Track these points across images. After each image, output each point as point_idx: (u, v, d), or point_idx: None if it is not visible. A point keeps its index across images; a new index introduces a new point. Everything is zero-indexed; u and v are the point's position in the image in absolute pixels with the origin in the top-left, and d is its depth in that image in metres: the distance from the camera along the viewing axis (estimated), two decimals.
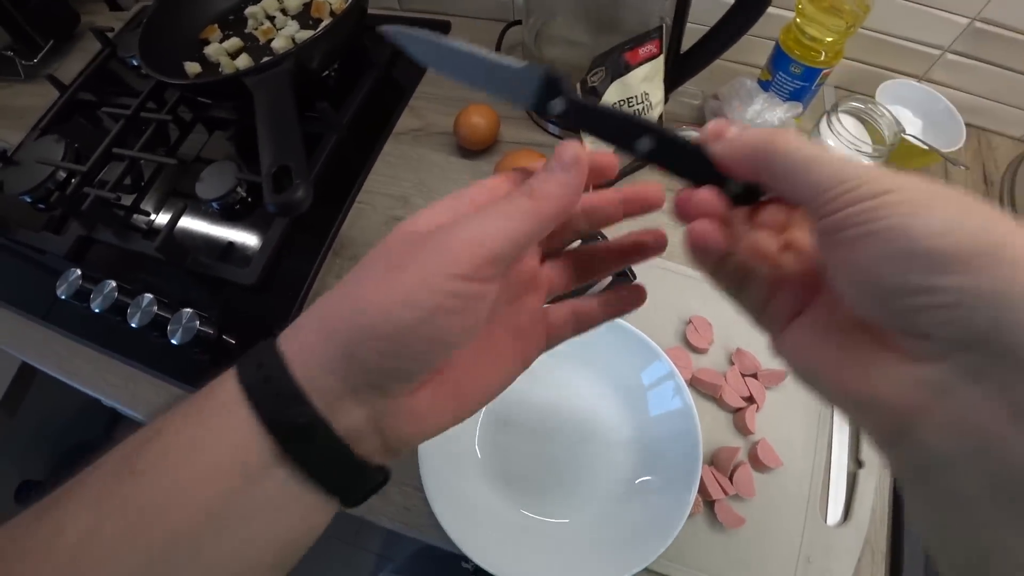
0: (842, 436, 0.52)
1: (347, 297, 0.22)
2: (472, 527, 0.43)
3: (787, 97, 0.62)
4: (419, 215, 0.23)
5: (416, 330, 0.20)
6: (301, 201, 0.43)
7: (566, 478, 0.48)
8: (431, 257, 0.21)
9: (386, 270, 0.21)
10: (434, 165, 0.64)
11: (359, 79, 0.69)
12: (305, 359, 0.21)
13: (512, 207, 0.22)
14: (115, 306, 0.57)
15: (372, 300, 0.21)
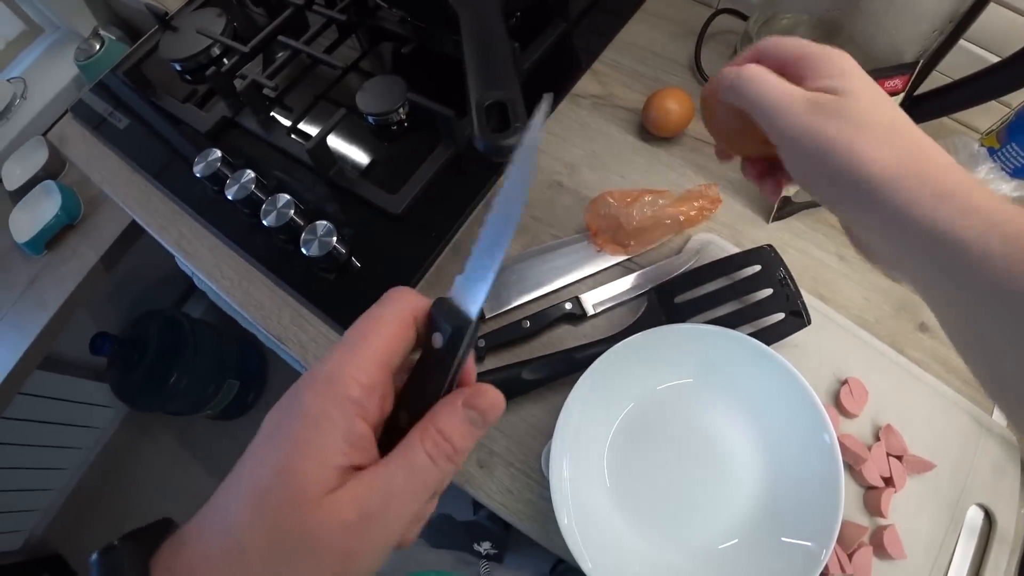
0: (967, 547, 0.48)
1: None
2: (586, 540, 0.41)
3: (1013, 171, 0.56)
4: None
5: None
6: (516, 147, 0.39)
7: (693, 514, 0.45)
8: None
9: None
10: (611, 139, 0.59)
11: (545, 28, 0.64)
12: None
13: (433, 477, 0.23)
14: (249, 199, 0.55)
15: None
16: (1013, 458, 0.51)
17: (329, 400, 0.22)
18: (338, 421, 0.22)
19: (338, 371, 0.23)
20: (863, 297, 0.55)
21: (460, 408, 0.23)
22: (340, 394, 0.22)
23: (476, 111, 0.40)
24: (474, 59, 0.45)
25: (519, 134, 0.39)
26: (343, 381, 0.22)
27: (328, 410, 0.22)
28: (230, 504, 0.22)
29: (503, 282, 0.51)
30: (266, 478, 0.21)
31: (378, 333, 0.24)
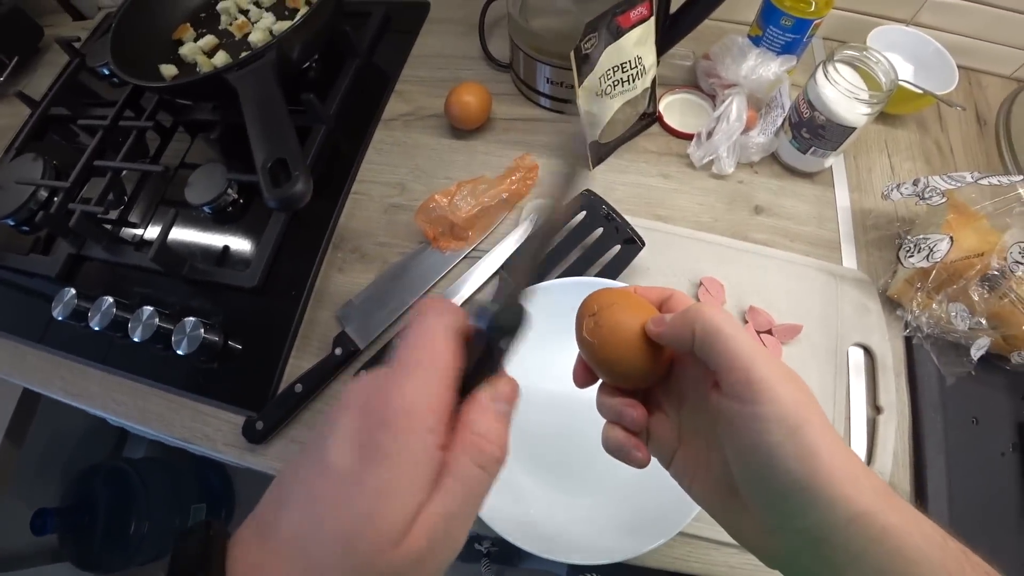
0: (859, 384, 0.52)
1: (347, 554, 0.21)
2: (505, 506, 0.43)
3: (779, 51, 0.62)
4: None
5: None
6: (302, 193, 0.42)
7: (591, 454, 0.47)
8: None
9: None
10: (428, 148, 0.62)
11: (342, 67, 0.67)
12: None
13: (485, 485, 0.23)
14: (115, 322, 0.56)
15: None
16: (871, 294, 0.56)
17: (411, 438, 0.21)
18: (422, 461, 0.21)
19: (412, 404, 0.22)
20: (696, 203, 0.59)
21: (489, 404, 0.23)
22: (419, 428, 0.21)
23: (261, 173, 0.43)
24: (255, 126, 0.48)
25: (299, 182, 0.42)
26: (419, 414, 0.22)
27: (412, 450, 0.21)
28: (309, 543, 0.21)
29: (366, 314, 0.53)
30: (352, 523, 0.21)
31: (440, 352, 0.23)
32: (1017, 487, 0.48)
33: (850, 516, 0.22)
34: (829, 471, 0.22)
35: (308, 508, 0.21)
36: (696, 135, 0.61)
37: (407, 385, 0.22)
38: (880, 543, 0.22)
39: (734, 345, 0.25)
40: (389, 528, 0.20)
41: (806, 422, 0.23)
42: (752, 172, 0.61)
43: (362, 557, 0.20)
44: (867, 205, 0.61)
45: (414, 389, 0.22)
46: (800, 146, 0.58)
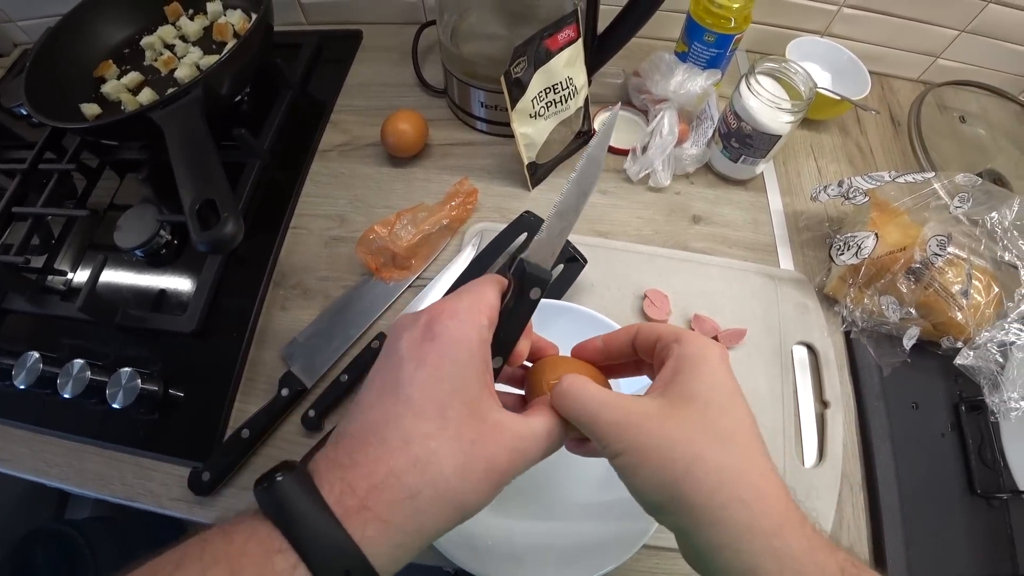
0: (805, 380, 0.54)
1: (446, 495, 0.24)
2: (463, 538, 0.42)
3: (705, 66, 0.64)
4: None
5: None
6: (233, 235, 0.41)
7: (548, 474, 0.47)
8: (516, 463, 0.26)
9: (483, 471, 0.25)
10: (366, 178, 0.62)
11: (274, 100, 0.66)
12: (394, 559, 0.23)
13: (551, 445, 0.28)
14: (42, 378, 0.53)
15: (477, 501, 0.25)
16: (809, 293, 0.58)
17: (469, 326, 0.26)
18: (481, 345, 0.26)
19: (471, 307, 0.27)
20: (635, 217, 0.60)
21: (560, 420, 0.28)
22: (476, 322, 0.26)
23: (189, 216, 0.41)
24: (182, 167, 0.46)
25: (229, 223, 0.40)
26: (476, 314, 0.26)
27: (470, 335, 0.26)
28: (403, 419, 0.24)
29: (312, 351, 0.52)
30: (442, 394, 0.25)
31: (487, 290, 0.28)
32: (958, 465, 0.50)
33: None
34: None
35: (391, 397, 0.25)
36: (631, 150, 0.62)
37: (464, 297, 0.27)
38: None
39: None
40: (473, 397, 0.25)
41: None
42: (688, 183, 0.63)
43: (458, 422, 0.24)
44: (799, 208, 0.63)
45: (469, 299, 0.27)
46: (731, 155, 0.60)
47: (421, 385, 0.25)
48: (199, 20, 0.68)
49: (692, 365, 0.28)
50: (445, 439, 0.24)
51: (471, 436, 0.24)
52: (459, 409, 0.24)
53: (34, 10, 0.79)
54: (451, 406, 0.24)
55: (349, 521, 0.22)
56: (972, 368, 0.47)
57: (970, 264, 0.50)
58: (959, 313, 0.49)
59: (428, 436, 0.24)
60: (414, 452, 0.23)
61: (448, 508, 0.24)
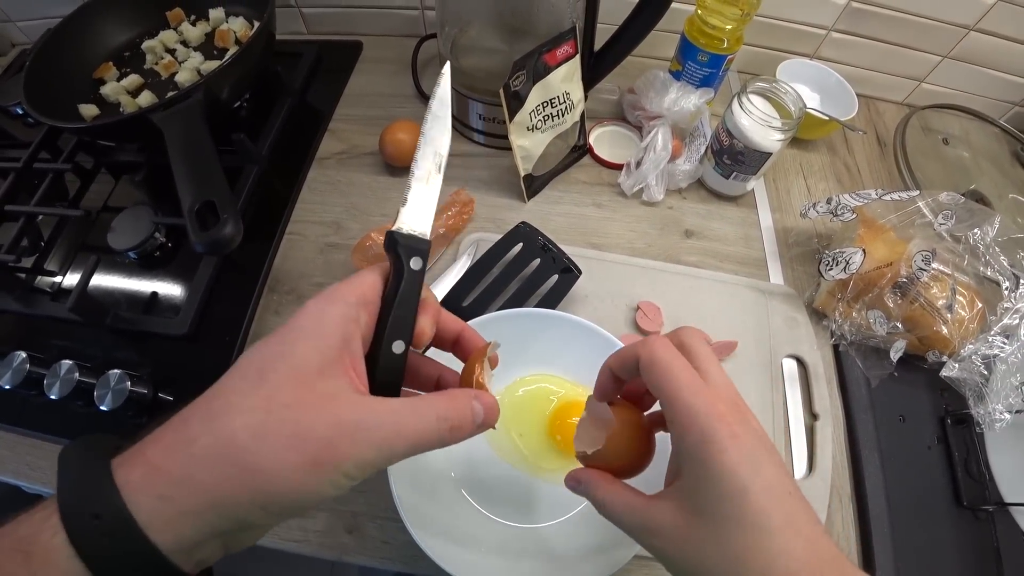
0: (794, 393, 0.55)
1: (228, 451, 0.21)
2: (457, 548, 0.42)
3: (698, 84, 0.66)
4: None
5: (310, 503, 0.22)
6: (232, 236, 0.41)
7: (541, 480, 0.47)
8: (344, 439, 0.22)
9: (288, 436, 0.22)
10: (363, 187, 0.62)
11: (273, 107, 0.66)
12: (161, 514, 0.20)
13: (430, 428, 0.24)
14: (28, 379, 0.52)
15: (274, 471, 0.21)
16: (798, 307, 0.59)
17: (328, 302, 0.25)
18: (338, 319, 0.24)
19: (337, 288, 0.26)
20: (629, 230, 0.61)
21: (473, 400, 0.26)
22: (337, 299, 0.25)
23: (188, 216, 0.42)
24: (182, 168, 0.47)
25: (228, 224, 0.40)
26: (342, 293, 0.25)
27: (327, 308, 0.25)
28: (223, 382, 0.23)
29: None
30: (268, 357, 0.23)
31: (364, 273, 0.27)
32: (945, 478, 0.51)
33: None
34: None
35: (235, 361, 0.24)
36: (625, 165, 0.63)
37: (331, 287, 0.26)
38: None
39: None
40: (301, 362, 0.23)
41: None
42: (681, 198, 0.64)
43: (274, 384, 0.22)
44: (788, 224, 0.64)
45: (335, 286, 0.26)
46: (723, 172, 0.62)
47: (253, 352, 0.24)
48: (201, 26, 0.69)
49: (695, 464, 0.25)
50: (249, 396, 0.22)
51: (285, 400, 0.22)
52: (282, 374, 0.22)
53: (33, 11, 0.79)
54: (273, 370, 0.23)
55: (119, 469, 0.21)
56: (958, 380, 0.48)
57: (954, 280, 0.52)
58: (944, 327, 0.50)
59: (232, 391, 0.22)
60: (212, 405, 0.22)
61: (230, 466, 0.21)
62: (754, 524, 0.24)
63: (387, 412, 0.24)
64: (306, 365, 0.23)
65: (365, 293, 0.26)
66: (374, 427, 0.23)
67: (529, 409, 0.48)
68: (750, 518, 0.24)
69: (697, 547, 0.25)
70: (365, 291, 0.26)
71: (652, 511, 0.27)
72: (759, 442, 0.26)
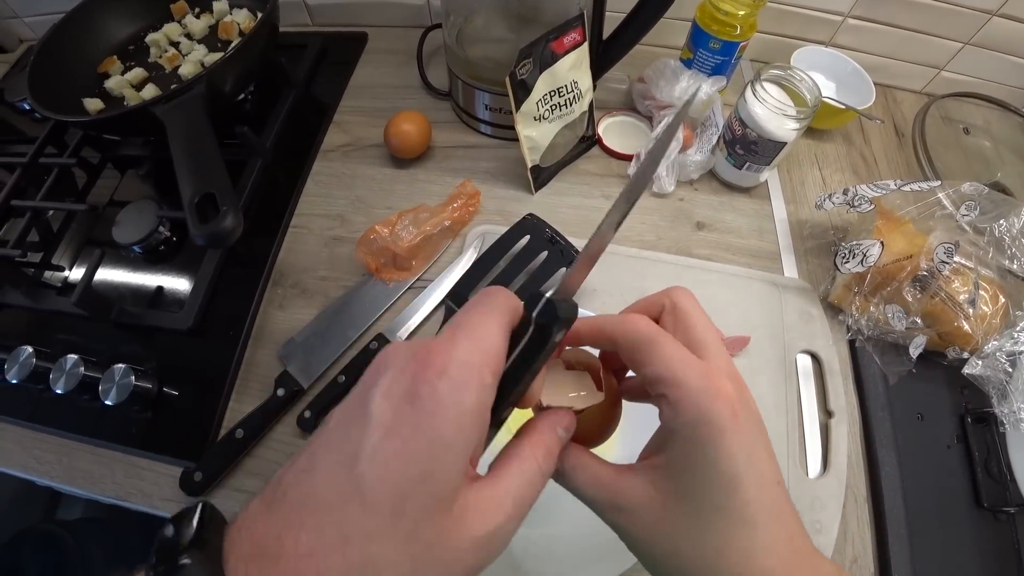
0: (809, 390, 0.53)
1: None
2: None
3: (710, 72, 0.64)
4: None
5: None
6: (232, 228, 0.40)
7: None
8: (483, 552, 0.20)
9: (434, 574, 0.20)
10: (368, 179, 0.61)
11: (278, 99, 0.66)
12: None
13: (538, 483, 0.23)
14: (34, 373, 0.52)
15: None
16: (813, 301, 0.57)
17: (468, 390, 0.20)
18: (477, 414, 0.20)
19: (470, 359, 0.20)
20: (639, 222, 0.60)
21: (556, 427, 0.24)
22: (476, 380, 0.20)
23: (188, 209, 0.41)
24: (183, 160, 0.46)
25: (228, 217, 0.40)
26: (478, 369, 0.20)
27: (468, 402, 0.20)
28: (350, 509, 0.19)
29: (309, 351, 0.51)
30: (405, 481, 0.19)
31: (491, 328, 0.22)
32: (965, 477, 0.49)
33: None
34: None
35: (344, 470, 0.19)
36: (635, 156, 0.62)
37: (462, 343, 0.21)
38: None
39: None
40: (442, 486, 0.19)
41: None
42: (692, 189, 0.63)
43: (415, 520, 0.19)
44: (803, 216, 0.63)
45: (469, 346, 0.21)
46: (735, 162, 0.60)
47: (382, 464, 0.19)
48: (205, 18, 0.68)
49: (686, 444, 0.23)
50: (393, 542, 0.19)
51: (429, 538, 0.19)
52: (423, 501, 0.19)
53: (40, 6, 0.79)
54: (413, 498, 0.19)
55: None
56: (981, 377, 0.47)
57: (977, 273, 0.50)
58: (966, 323, 0.49)
59: (372, 537, 0.18)
60: (351, 556, 0.18)
61: None
62: (742, 516, 0.22)
63: (513, 496, 0.21)
64: (447, 488, 0.20)
65: (498, 365, 0.21)
66: (504, 523, 0.21)
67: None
68: (739, 510, 0.22)
69: (671, 531, 0.23)
70: (498, 363, 0.21)
71: (623, 486, 0.24)
72: (757, 426, 0.24)
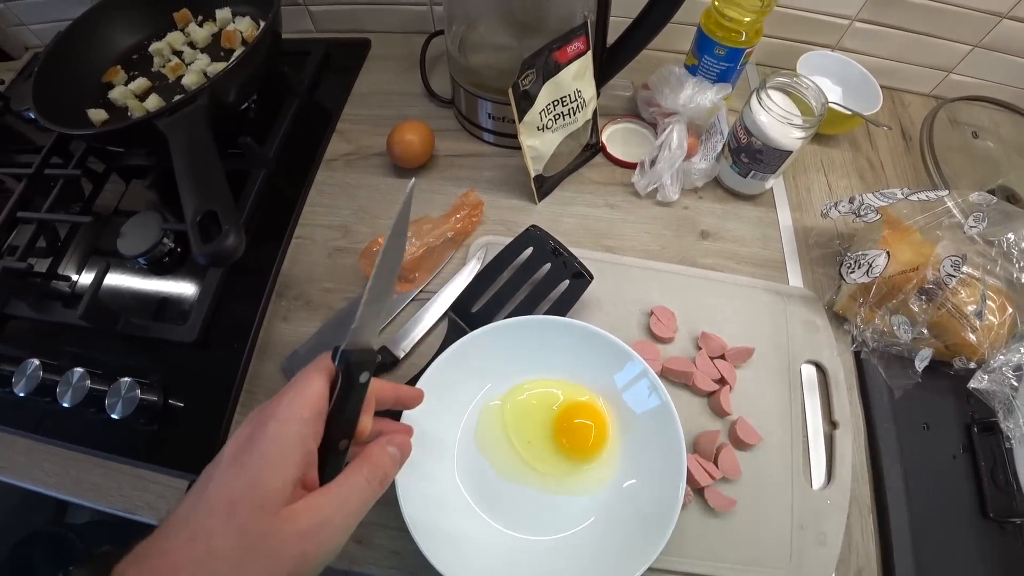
0: (813, 401, 0.53)
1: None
2: (465, 560, 0.41)
3: (715, 79, 0.63)
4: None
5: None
6: (233, 249, 0.40)
7: (558, 489, 0.46)
8: (310, 544, 0.26)
9: (265, 564, 0.25)
10: (372, 189, 0.61)
11: (280, 107, 0.66)
12: None
13: (365, 491, 0.29)
14: (42, 386, 0.52)
15: None
16: (818, 311, 0.57)
17: (289, 424, 0.27)
18: (297, 441, 0.27)
19: (291, 404, 0.28)
20: (643, 232, 0.59)
21: (387, 447, 0.31)
22: (293, 421, 0.28)
23: (190, 228, 0.41)
24: (185, 177, 0.46)
25: (230, 236, 0.40)
26: (297, 410, 0.28)
27: (286, 435, 0.27)
28: (197, 515, 0.25)
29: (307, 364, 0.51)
30: (237, 490, 0.25)
31: (312, 381, 0.29)
32: (970, 488, 0.49)
33: None
34: None
35: (199, 491, 0.26)
36: (640, 164, 0.61)
37: (287, 394, 0.29)
38: None
39: None
40: (267, 492, 0.25)
41: None
42: (697, 198, 0.62)
43: (243, 518, 0.25)
44: (808, 224, 0.62)
45: (291, 395, 0.29)
46: (740, 170, 0.60)
47: (222, 481, 0.26)
48: (208, 27, 0.68)
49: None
50: (227, 535, 0.24)
51: (257, 530, 0.25)
52: (251, 505, 0.25)
53: (46, 14, 0.79)
54: (243, 501, 0.25)
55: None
56: (986, 392, 0.46)
57: (984, 284, 0.49)
58: (972, 334, 0.48)
59: (212, 533, 0.24)
60: (197, 550, 0.24)
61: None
62: None
63: (334, 500, 0.28)
64: (272, 495, 0.26)
65: (316, 405, 0.29)
66: (328, 520, 0.27)
67: (532, 413, 0.48)
68: None
69: None
70: (316, 403, 0.29)
71: None
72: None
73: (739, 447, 0.50)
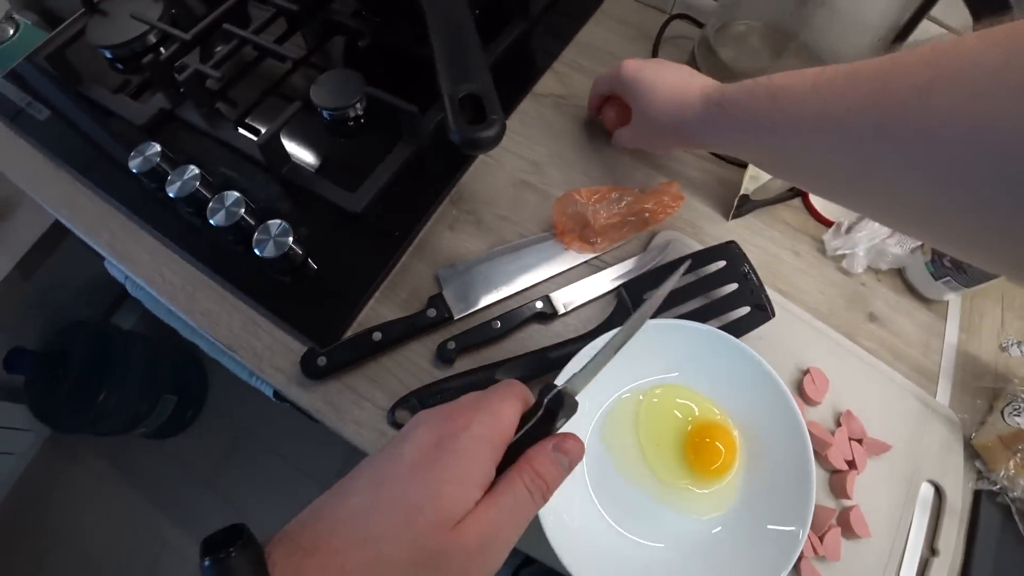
0: (922, 520, 0.51)
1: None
2: (573, 538, 0.40)
3: None
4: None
5: None
6: (495, 139, 0.38)
7: (669, 500, 0.44)
8: (476, 562, 0.26)
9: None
10: (574, 138, 0.59)
11: (503, 28, 0.63)
12: None
13: (528, 504, 0.27)
14: (194, 196, 0.51)
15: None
16: (957, 436, 0.54)
17: (482, 443, 0.27)
18: (482, 465, 0.27)
19: (485, 423, 0.28)
20: (818, 290, 0.57)
21: (551, 451, 0.29)
22: (488, 439, 0.27)
23: (450, 103, 0.39)
24: (445, 52, 0.44)
25: (495, 126, 0.38)
26: (491, 432, 0.28)
27: (474, 453, 0.27)
28: (371, 517, 0.25)
29: (469, 283, 0.49)
30: (418, 499, 0.25)
31: (508, 407, 0.29)
32: None
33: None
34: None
35: (374, 489, 0.26)
36: (836, 224, 0.59)
37: (477, 413, 0.28)
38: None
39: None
40: (449, 508, 0.25)
41: None
42: (875, 279, 0.60)
43: (421, 530, 0.24)
44: (972, 349, 0.59)
45: (482, 418, 0.28)
46: (935, 272, 0.57)
47: (402, 487, 0.25)
48: None
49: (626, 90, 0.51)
50: (402, 544, 0.24)
51: (433, 545, 0.24)
52: (430, 520, 0.25)
53: None
54: (424, 513, 0.25)
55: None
56: None
57: None
58: None
59: (386, 539, 0.24)
60: (368, 553, 0.24)
61: None
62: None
63: (497, 516, 0.26)
64: (452, 511, 0.25)
65: (508, 433, 0.29)
66: (496, 535, 0.26)
67: (668, 418, 0.46)
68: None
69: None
70: (508, 431, 0.29)
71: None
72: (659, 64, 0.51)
73: (846, 534, 0.48)
